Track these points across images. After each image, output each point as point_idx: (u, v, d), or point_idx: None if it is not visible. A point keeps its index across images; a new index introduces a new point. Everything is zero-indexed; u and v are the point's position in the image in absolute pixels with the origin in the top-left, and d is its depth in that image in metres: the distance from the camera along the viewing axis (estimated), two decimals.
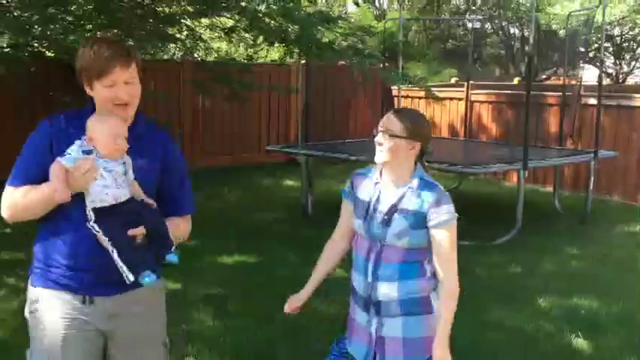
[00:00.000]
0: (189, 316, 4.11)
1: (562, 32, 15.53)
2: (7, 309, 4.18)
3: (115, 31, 4.70)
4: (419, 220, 2.14)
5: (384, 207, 2.20)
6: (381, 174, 2.27)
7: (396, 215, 2.16)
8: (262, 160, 9.68)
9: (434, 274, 2.20)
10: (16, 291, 4.46)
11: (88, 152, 1.85)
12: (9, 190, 1.94)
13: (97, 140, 1.86)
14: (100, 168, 1.84)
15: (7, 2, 3.13)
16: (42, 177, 1.88)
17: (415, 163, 2.22)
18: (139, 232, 1.87)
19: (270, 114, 10.27)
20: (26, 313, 2.03)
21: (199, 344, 3.66)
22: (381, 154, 2.20)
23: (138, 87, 1.93)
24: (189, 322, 4.02)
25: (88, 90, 1.92)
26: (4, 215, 1.96)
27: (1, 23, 2.68)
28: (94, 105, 1.95)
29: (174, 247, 1.96)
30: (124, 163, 1.90)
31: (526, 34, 15.63)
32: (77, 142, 1.87)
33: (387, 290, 2.17)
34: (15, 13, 3.06)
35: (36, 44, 5.12)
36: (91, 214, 1.86)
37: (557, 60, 16.98)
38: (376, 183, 2.26)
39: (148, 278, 1.87)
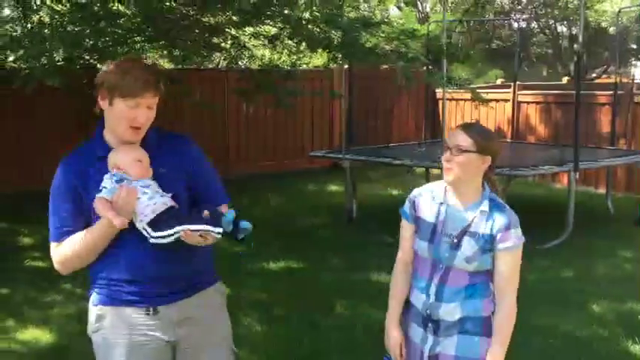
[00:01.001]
0: (236, 320, 4.14)
1: (612, 29, 15.09)
2: (63, 314, 4.32)
3: (163, 42, 4.82)
4: (488, 244, 2.07)
5: (452, 230, 2.11)
6: (445, 193, 2.17)
7: (466, 238, 2.08)
8: (306, 166, 9.72)
9: (494, 297, 2.14)
10: (72, 297, 4.61)
11: (120, 180, 1.90)
12: (53, 246, 1.98)
13: (126, 168, 1.91)
14: (137, 188, 1.89)
15: (62, 17, 3.25)
16: (79, 221, 1.93)
17: (482, 182, 2.14)
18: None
19: (314, 120, 10.32)
20: (89, 332, 2.05)
21: (247, 349, 3.69)
22: (450, 173, 2.09)
23: (154, 113, 1.96)
24: (237, 326, 4.05)
25: (103, 104, 1.92)
26: (59, 269, 2.00)
27: (57, 38, 2.79)
28: (100, 131, 1.98)
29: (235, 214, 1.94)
30: (154, 178, 1.96)
31: (574, 32, 15.25)
32: (107, 176, 1.92)
33: (449, 310, 2.11)
34: (68, 28, 3.18)
35: (87, 57, 5.30)
36: (148, 230, 1.89)
37: (607, 58, 16.52)
38: (441, 203, 2.16)
39: (246, 225, 1.91)
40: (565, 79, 12.72)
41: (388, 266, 2.35)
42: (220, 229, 1.86)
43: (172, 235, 1.87)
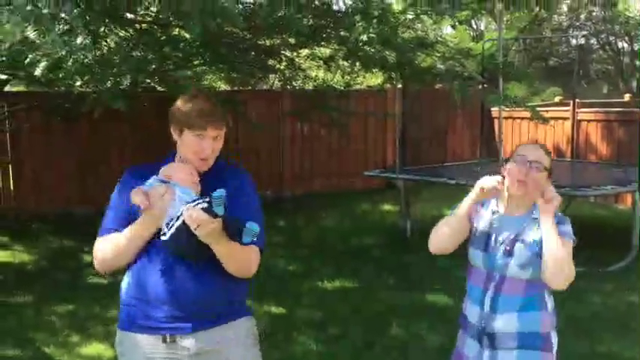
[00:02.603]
0: (292, 339, 4.18)
1: None
2: None
3: (221, 65, 4.94)
4: (541, 250, 2.06)
5: (505, 237, 2.13)
6: (497, 203, 2.20)
7: (518, 244, 2.10)
8: (360, 186, 9.73)
9: (554, 311, 2.13)
10: None
11: (164, 182, 1.95)
12: (98, 241, 2.02)
13: (172, 173, 1.96)
14: (176, 191, 1.89)
15: (128, 43, 3.41)
16: (129, 224, 1.96)
17: None
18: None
19: (368, 139, 10.34)
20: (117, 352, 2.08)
21: None
22: (523, 186, 2.10)
23: (222, 143, 2.04)
24: (292, 344, 4.08)
25: (175, 135, 2.03)
26: (97, 265, 2.03)
27: (126, 64, 2.95)
28: (174, 153, 2.07)
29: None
30: (200, 198, 1.89)
31: (636, 47, 14.78)
32: (154, 176, 1.97)
33: (505, 322, 2.10)
34: (133, 54, 3.34)
35: (148, 80, 5.51)
36: (164, 229, 1.88)
37: None
38: (494, 212, 2.19)
39: (253, 225, 1.82)
40: (627, 97, 12.31)
41: (443, 287, 2.33)
42: (207, 199, 1.80)
43: (173, 223, 1.84)
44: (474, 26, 16.13)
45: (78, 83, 3.49)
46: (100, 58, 2.78)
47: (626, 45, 16.56)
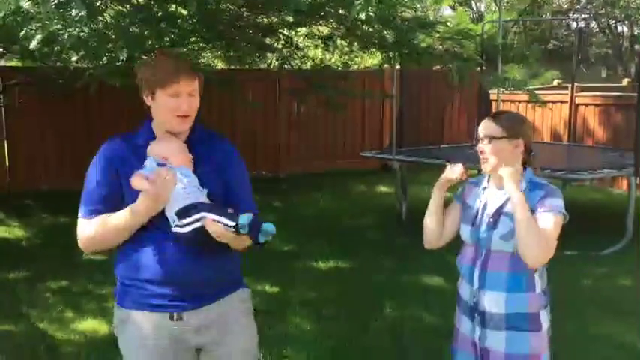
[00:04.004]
0: (286, 319, 4.19)
1: None
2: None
3: (218, 43, 4.89)
4: None
5: (490, 210, 2.17)
6: (488, 180, 2.25)
7: (502, 217, 2.12)
8: (356, 167, 9.72)
9: (544, 292, 2.14)
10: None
11: (162, 165, 1.92)
12: (83, 222, 1.97)
13: (168, 155, 1.94)
14: (177, 173, 1.90)
15: (125, 19, 3.36)
16: (113, 202, 1.93)
17: (523, 166, 2.17)
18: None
19: (365, 120, 10.30)
20: (115, 331, 2.06)
21: (296, 348, 3.73)
22: (487, 163, 2.17)
23: (197, 100, 1.99)
24: (286, 324, 4.10)
25: (148, 100, 1.97)
26: (82, 246, 2.00)
27: (123, 40, 2.90)
28: (149, 123, 2.02)
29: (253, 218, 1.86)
30: (195, 172, 1.96)
31: (636, 32, 14.71)
32: (149, 159, 1.94)
33: (493, 301, 2.13)
34: (131, 29, 3.29)
35: (145, 57, 5.44)
36: (174, 217, 1.88)
37: None
38: (484, 188, 2.24)
39: (269, 227, 1.83)
40: (625, 81, 12.28)
41: (438, 269, 2.36)
42: (233, 224, 1.81)
43: (192, 223, 1.85)
44: (474, 8, 16.02)
45: (74, 58, 3.45)
46: (95, 33, 2.73)
47: (625, 29, 16.49)
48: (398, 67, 7.43)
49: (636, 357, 3.67)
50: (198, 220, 1.85)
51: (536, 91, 8.86)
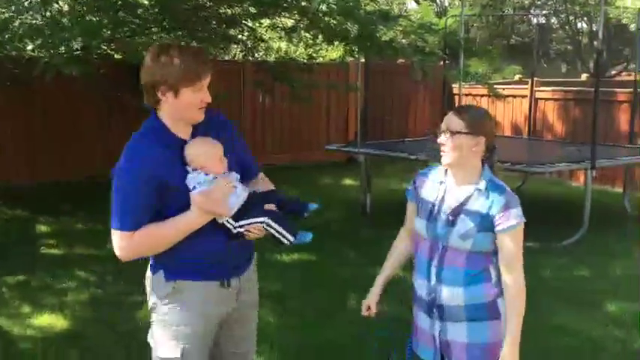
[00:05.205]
0: None
1: (633, 26, 14.87)
2: (77, 300, 4.36)
3: (180, 33, 4.82)
4: (485, 223, 2.08)
5: (448, 207, 2.15)
6: (446, 173, 2.22)
7: (461, 216, 2.11)
8: (321, 159, 9.72)
9: (500, 280, 2.14)
10: (86, 284, 4.65)
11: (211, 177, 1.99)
12: (126, 236, 1.95)
13: (208, 166, 1.98)
14: (233, 181, 2.04)
15: (81, 6, 3.27)
16: (151, 213, 1.95)
17: (482, 163, 2.16)
18: (272, 205, 2.12)
19: (330, 113, 10.30)
20: (155, 304, 2.10)
21: (261, 340, 3.69)
22: (446, 156, 2.15)
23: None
24: None
25: (165, 98, 1.93)
26: (124, 259, 2.00)
27: (76, 27, 2.80)
28: (153, 121, 2.01)
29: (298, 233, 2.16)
30: (230, 169, 2.07)
31: (594, 28, 15.06)
32: (194, 173, 1.97)
33: (450, 295, 2.13)
34: (87, 17, 3.20)
35: (104, 47, 5.32)
36: (230, 221, 2.02)
37: (627, 55, 16.29)
38: (441, 182, 2.21)
39: (308, 236, 2.14)
40: (584, 77, 12.57)
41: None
42: (292, 239, 2.08)
43: (251, 224, 2.04)
44: (438, 2, 16.15)
45: (29, 47, 3.34)
46: (50, 21, 2.64)
47: (585, 25, 16.85)
48: (362, 60, 7.45)
49: (595, 346, 3.77)
50: (257, 222, 2.04)
51: (497, 86, 9.02)
